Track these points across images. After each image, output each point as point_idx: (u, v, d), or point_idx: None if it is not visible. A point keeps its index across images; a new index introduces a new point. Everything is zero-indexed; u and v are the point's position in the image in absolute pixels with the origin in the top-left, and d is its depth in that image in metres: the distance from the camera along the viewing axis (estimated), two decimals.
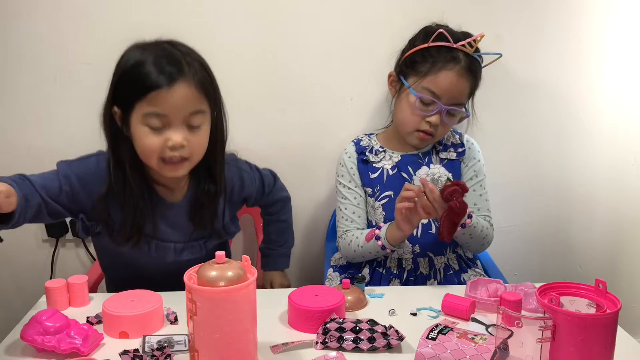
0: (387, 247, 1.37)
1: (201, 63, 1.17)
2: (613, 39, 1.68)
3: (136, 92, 1.11)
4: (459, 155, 1.48)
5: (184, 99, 1.11)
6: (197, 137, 1.16)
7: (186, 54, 1.15)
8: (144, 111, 1.11)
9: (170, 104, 1.10)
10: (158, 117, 1.11)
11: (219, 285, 0.89)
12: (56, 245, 1.78)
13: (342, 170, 1.50)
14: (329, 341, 1.03)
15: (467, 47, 1.37)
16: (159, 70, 1.10)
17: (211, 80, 1.18)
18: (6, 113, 1.67)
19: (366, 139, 1.53)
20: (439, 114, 1.39)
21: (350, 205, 1.48)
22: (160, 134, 1.13)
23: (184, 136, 1.13)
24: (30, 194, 1.12)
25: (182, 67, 1.12)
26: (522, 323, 0.88)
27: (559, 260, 1.88)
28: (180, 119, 1.12)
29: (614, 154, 1.77)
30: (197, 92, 1.13)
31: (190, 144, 1.15)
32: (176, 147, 1.13)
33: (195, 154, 1.18)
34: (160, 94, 1.09)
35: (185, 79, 1.11)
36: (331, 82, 1.68)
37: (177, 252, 1.27)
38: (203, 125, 1.17)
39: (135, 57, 1.13)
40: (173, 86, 1.10)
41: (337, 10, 1.63)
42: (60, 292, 1.17)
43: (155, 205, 1.24)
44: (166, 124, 1.12)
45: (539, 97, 1.73)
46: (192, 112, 1.13)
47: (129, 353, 0.98)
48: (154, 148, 1.13)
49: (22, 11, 1.59)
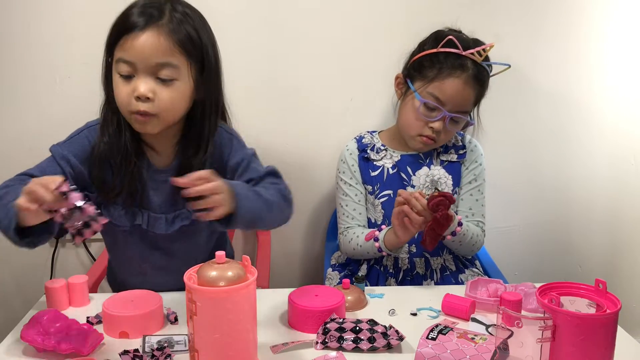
0: (383, 250, 1.38)
1: (191, 19, 1.12)
2: (613, 38, 1.69)
3: (115, 35, 1.11)
4: (459, 157, 1.48)
5: (151, 47, 1.07)
6: (167, 92, 1.11)
7: (176, 8, 1.11)
8: (117, 57, 1.10)
9: (136, 50, 1.08)
10: (126, 63, 1.09)
11: (219, 285, 0.89)
12: (56, 245, 1.78)
13: (343, 167, 1.50)
14: (329, 341, 1.03)
15: (476, 55, 1.36)
16: (137, 15, 1.08)
17: (198, 37, 1.13)
18: (6, 113, 1.67)
19: (368, 137, 1.53)
20: (442, 120, 1.38)
21: (351, 202, 1.48)
22: (129, 82, 1.10)
23: (149, 87, 1.09)
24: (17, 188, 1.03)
25: (161, 16, 1.09)
26: (522, 323, 0.88)
27: (559, 260, 1.88)
28: (146, 68, 1.09)
29: (614, 153, 1.77)
30: (168, 43, 1.08)
31: (158, 97, 1.10)
32: (141, 98, 1.09)
33: (163, 109, 1.12)
34: (129, 39, 1.08)
35: (158, 28, 1.08)
36: (331, 82, 1.68)
37: (168, 223, 1.24)
38: (177, 82, 1.11)
39: (129, 5, 1.13)
40: (143, 32, 1.07)
41: (338, 10, 1.63)
42: (60, 292, 1.17)
43: (146, 169, 1.22)
44: (134, 72, 1.09)
45: (538, 98, 1.73)
46: (160, 63, 1.09)
47: (129, 353, 0.98)
48: (123, 98, 1.11)
49: (22, 11, 1.59)
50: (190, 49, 1.11)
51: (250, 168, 1.22)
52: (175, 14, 1.11)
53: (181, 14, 1.11)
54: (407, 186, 1.46)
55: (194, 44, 1.12)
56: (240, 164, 1.22)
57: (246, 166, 1.22)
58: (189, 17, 1.12)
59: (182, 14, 1.12)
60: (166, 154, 1.23)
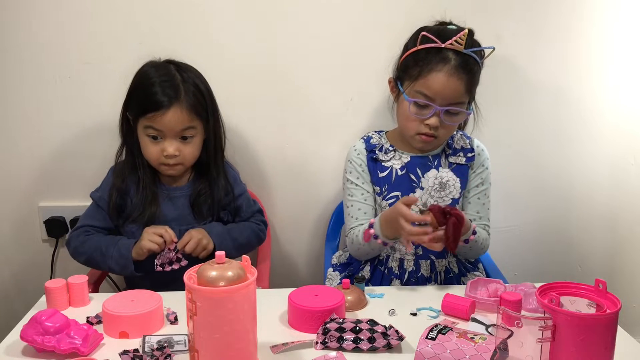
0: (387, 242, 1.37)
1: (197, 86, 1.40)
2: (613, 39, 1.68)
3: (140, 109, 1.38)
4: (468, 161, 1.48)
5: (177, 120, 1.36)
6: (189, 147, 1.41)
7: (186, 80, 1.39)
8: (145, 124, 1.38)
9: (164, 123, 1.36)
10: (155, 130, 1.37)
11: (219, 285, 0.89)
12: (56, 245, 1.78)
13: (350, 167, 1.50)
14: (329, 341, 1.03)
15: (456, 44, 1.34)
16: (159, 95, 1.35)
17: (204, 100, 1.41)
18: (7, 113, 1.67)
19: (376, 137, 1.51)
20: (436, 115, 1.38)
21: (356, 202, 1.47)
22: (157, 143, 1.39)
23: (176, 147, 1.39)
24: (111, 240, 1.40)
25: (178, 94, 1.36)
26: (522, 323, 0.88)
27: (559, 260, 1.87)
28: (173, 134, 1.38)
29: (614, 153, 1.77)
30: (188, 113, 1.37)
31: (183, 153, 1.40)
32: (170, 156, 1.39)
33: (187, 160, 1.42)
34: (157, 115, 1.35)
35: (179, 104, 1.36)
36: (331, 82, 1.68)
37: (181, 234, 1.40)
38: (194, 138, 1.41)
39: (145, 77, 1.39)
40: (168, 111, 1.35)
41: (338, 10, 1.63)
42: (60, 292, 1.17)
43: (161, 190, 1.47)
44: (162, 136, 1.38)
45: (539, 97, 1.73)
46: (184, 128, 1.38)
47: (129, 353, 0.98)
48: (153, 155, 1.40)
49: (22, 11, 1.59)
50: (201, 111, 1.41)
51: (249, 202, 1.56)
52: (186, 85, 1.38)
53: (190, 83, 1.39)
54: (416, 188, 1.45)
55: (202, 105, 1.41)
56: (242, 195, 1.54)
57: (246, 199, 1.55)
58: (192, 81, 1.40)
59: (190, 83, 1.39)
60: (181, 180, 1.50)
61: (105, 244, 1.38)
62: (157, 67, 1.41)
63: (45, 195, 1.74)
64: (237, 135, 1.69)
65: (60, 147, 1.69)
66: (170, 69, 1.40)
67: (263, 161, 1.74)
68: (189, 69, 1.43)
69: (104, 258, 1.37)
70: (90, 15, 1.59)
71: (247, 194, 1.57)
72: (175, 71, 1.40)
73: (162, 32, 1.61)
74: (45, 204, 1.74)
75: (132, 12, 1.60)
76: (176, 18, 1.61)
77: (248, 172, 1.70)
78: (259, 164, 1.74)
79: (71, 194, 1.72)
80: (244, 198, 1.54)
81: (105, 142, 1.56)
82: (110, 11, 1.60)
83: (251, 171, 1.72)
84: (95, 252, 1.38)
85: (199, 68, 1.45)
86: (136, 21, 1.60)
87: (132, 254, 1.35)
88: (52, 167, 1.71)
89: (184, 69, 1.42)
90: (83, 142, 1.69)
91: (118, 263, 1.36)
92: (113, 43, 1.61)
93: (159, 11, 1.60)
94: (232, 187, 1.51)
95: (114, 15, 1.60)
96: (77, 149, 1.70)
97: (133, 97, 1.41)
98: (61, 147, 1.69)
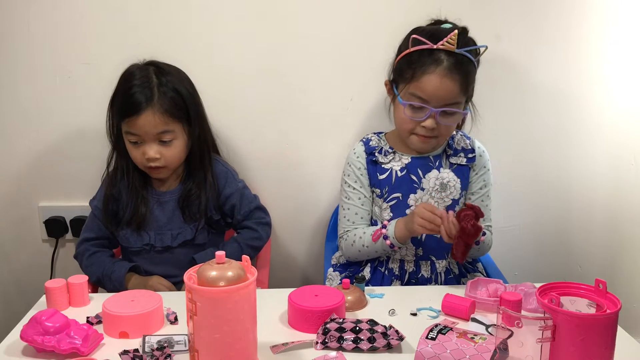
0: (395, 245, 1.37)
1: (175, 89, 1.39)
2: (613, 39, 1.68)
3: (119, 113, 1.39)
4: (469, 161, 1.47)
5: (150, 123, 1.36)
6: (170, 150, 1.40)
7: (163, 83, 1.38)
8: (125, 129, 1.40)
9: (139, 127, 1.36)
10: (133, 135, 1.38)
11: (219, 285, 0.89)
12: (56, 245, 1.78)
13: (348, 170, 1.50)
14: (329, 341, 1.03)
15: (447, 45, 1.33)
16: (133, 98, 1.35)
17: (184, 102, 1.40)
18: (6, 113, 1.67)
19: (375, 139, 1.51)
20: (432, 117, 1.37)
21: (353, 206, 1.48)
22: (139, 147, 1.40)
23: (156, 150, 1.39)
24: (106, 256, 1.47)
25: (152, 97, 1.35)
26: (522, 323, 0.88)
27: (559, 260, 1.87)
28: (150, 137, 1.38)
29: (614, 153, 1.77)
30: (162, 117, 1.36)
31: (164, 156, 1.40)
32: (151, 160, 1.39)
33: (170, 162, 1.42)
34: (132, 119, 1.36)
35: (151, 108, 1.35)
36: (331, 83, 1.68)
37: (173, 237, 1.47)
38: (175, 141, 1.40)
39: (124, 81, 1.40)
40: (141, 114, 1.35)
41: (337, 10, 1.63)
42: (60, 292, 1.17)
43: (151, 195, 1.48)
44: (141, 140, 1.39)
45: (539, 97, 1.73)
46: (160, 132, 1.37)
47: (129, 353, 0.98)
48: (137, 159, 1.42)
49: (22, 11, 1.59)
50: (177, 112, 1.39)
51: (244, 200, 1.52)
52: (162, 88, 1.37)
53: (167, 86, 1.38)
54: (417, 189, 1.45)
55: (179, 107, 1.39)
56: (233, 194, 1.51)
57: (240, 198, 1.52)
58: (170, 84, 1.39)
59: (167, 86, 1.38)
60: (170, 182, 1.50)
61: (101, 274, 1.43)
62: (136, 70, 1.40)
63: (45, 195, 1.74)
64: (236, 135, 1.69)
65: (60, 147, 1.69)
66: (148, 72, 1.39)
67: (263, 161, 1.74)
68: (170, 71, 1.42)
69: (103, 284, 1.44)
70: (90, 15, 1.59)
71: (245, 191, 1.54)
72: (153, 74, 1.38)
73: (161, 32, 1.61)
74: (45, 204, 1.74)
75: (132, 12, 1.60)
76: (176, 19, 1.61)
77: (248, 173, 1.70)
78: (258, 165, 1.73)
79: (71, 194, 1.72)
80: (237, 196, 1.51)
81: (105, 142, 1.55)
82: (110, 11, 1.60)
83: (251, 172, 1.72)
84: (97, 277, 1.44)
85: (199, 69, 1.46)
86: (136, 21, 1.60)
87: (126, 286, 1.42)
88: (52, 167, 1.71)
89: (165, 72, 1.40)
90: (83, 142, 1.69)
91: (116, 288, 1.41)
92: (113, 43, 1.61)
93: (159, 12, 1.60)
94: (222, 187, 1.50)
95: (114, 16, 1.60)
96: (77, 149, 1.70)
97: (115, 101, 1.41)
98: (61, 147, 1.69)
